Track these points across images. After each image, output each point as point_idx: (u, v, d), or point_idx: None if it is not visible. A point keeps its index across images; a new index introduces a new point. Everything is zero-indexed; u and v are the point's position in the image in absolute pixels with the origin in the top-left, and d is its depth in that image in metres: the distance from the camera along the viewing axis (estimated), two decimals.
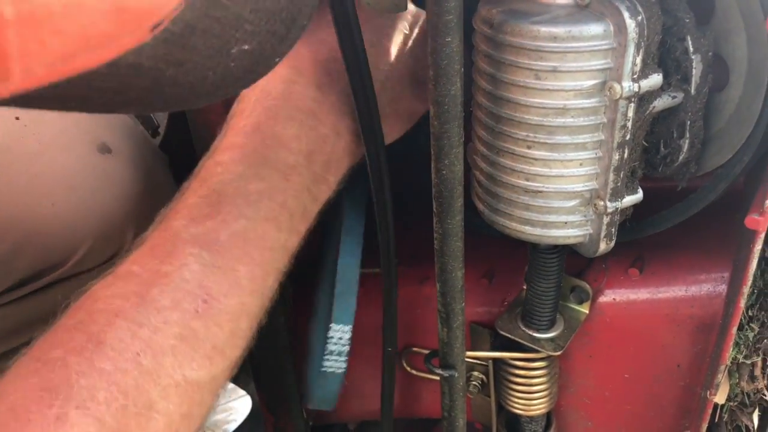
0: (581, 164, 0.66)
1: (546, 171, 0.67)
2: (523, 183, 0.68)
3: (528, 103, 0.64)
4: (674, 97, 0.66)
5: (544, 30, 0.60)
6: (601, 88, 0.62)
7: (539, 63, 0.62)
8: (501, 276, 0.96)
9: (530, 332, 0.86)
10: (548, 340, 0.85)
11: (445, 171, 0.64)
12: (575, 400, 0.98)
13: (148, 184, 0.93)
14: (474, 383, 0.97)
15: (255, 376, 1.10)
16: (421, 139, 0.79)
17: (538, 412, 0.92)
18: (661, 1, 0.63)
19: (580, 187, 0.67)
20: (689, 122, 0.68)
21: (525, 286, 0.87)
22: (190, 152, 0.92)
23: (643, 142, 0.69)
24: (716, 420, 0.91)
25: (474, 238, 0.77)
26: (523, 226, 0.71)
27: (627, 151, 0.65)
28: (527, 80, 0.63)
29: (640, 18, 0.59)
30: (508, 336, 0.87)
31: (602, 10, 0.60)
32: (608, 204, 0.67)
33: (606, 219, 0.69)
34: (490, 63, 0.65)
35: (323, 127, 0.69)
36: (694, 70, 0.66)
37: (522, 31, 0.61)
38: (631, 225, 0.77)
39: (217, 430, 1.18)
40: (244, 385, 1.19)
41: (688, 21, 0.65)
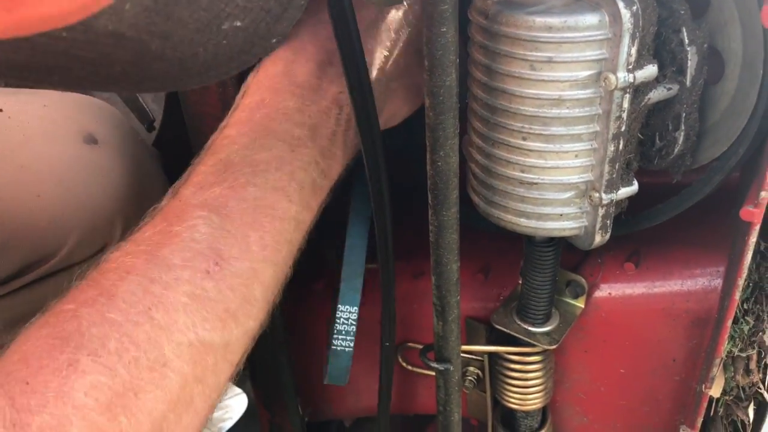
0: (576, 155, 0.66)
1: (541, 162, 0.67)
2: (519, 175, 0.68)
3: (523, 94, 0.64)
4: (669, 89, 0.66)
5: (540, 20, 0.60)
6: (596, 78, 0.62)
7: (534, 53, 0.62)
8: (497, 271, 0.96)
9: (526, 326, 0.86)
10: (544, 334, 0.85)
11: (440, 162, 0.64)
12: (571, 395, 0.98)
13: (136, 175, 0.92)
14: (470, 378, 0.97)
15: (251, 373, 1.10)
16: (416, 132, 0.79)
17: (534, 406, 0.92)
18: None
19: (575, 178, 0.67)
20: (684, 114, 0.68)
21: (520, 281, 0.87)
22: (186, 146, 0.92)
23: (638, 134, 0.69)
24: (711, 414, 0.91)
25: (470, 234, 0.77)
26: (518, 219, 0.71)
27: (622, 143, 0.65)
28: (522, 71, 0.63)
29: (635, 8, 0.59)
30: (504, 330, 0.87)
31: (597, 0, 0.60)
32: (603, 196, 0.67)
33: (601, 211, 0.69)
34: (486, 54, 0.65)
35: (324, 100, 0.70)
36: (689, 62, 0.66)
37: (517, 22, 0.61)
38: (627, 218, 0.77)
39: (212, 428, 1.17)
40: (240, 383, 1.18)
41: (683, 13, 0.65)
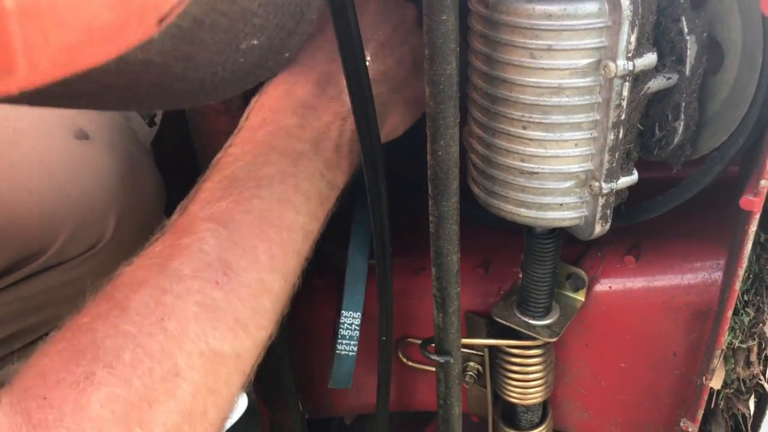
0: (576, 144, 0.66)
1: (541, 151, 0.67)
2: (519, 164, 0.68)
3: (523, 83, 0.64)
4: (669, 78, 0.67)
5: (539, 8, 0.61)
6: (595, 66, 0.62)
7: (534, 42, 0.62)
8: (497, 266, 0.96)
9: (526, 319, 0.86)
10: (544, 327, 0.85)
11: (440, 152, 0.64)
12: (571, 390, 0.98)
13: (128, 171, 0.92)
14: (470, 374, 0.97)
15: None
16: (414, 128, 0.79)
17: (535, 400, 0.92)
18: None
19: (575, 167, 0.67)
20: (684, 104, 0.68)
21: (521, 275, 0.86)
22: (187, 140, 0.93)
23: (638, 125, 0.69)
24: (712, 407, 0.91)
25: (470, 228, 0.77)
26: (518, 209, 0.71)
27: (622, 132, 0.65)
28: (522, 59, 0.63)
29: None
30: (504, 323, 0.87)
31: None
32: (603, 185, 0.67)
33: (601, 200, 0.69)
34: (486, 43, 0.65)
35: (325, 116, 0.72)
36: (688, 51, 0.66)
37: (517, 10, 0.61)
38: (627, 210, 0.77)
39: None
40: None
41: (683, 2, 0.65)
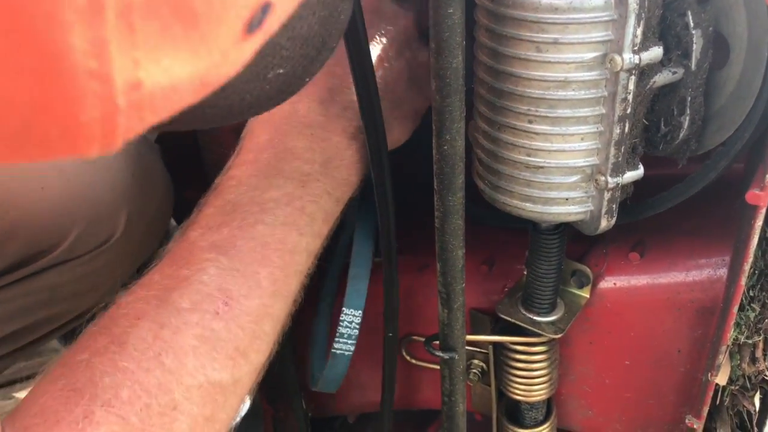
0: (582, 138, 0.66)
1: (547, 146, 0.67)
2: (524, 158, 0.68)
3: (529, 77, 0.64)
4: (674, 73, 0.66)
5: (545, 1, 0.61)
6: (602, 60, 0.62)
7: (540, 35, 0.62)
8: (501, 263, 0.96)
9: (531, 316, 0.86)
10: (549, 323, 0.85)
11: (446, 147, 0.64)
12: (576, 388, 0.98)
13: (138, 169, 0.93)
14: (474, 371, 0.97)
15: None
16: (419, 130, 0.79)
17: (539, 397, 0.91)
18: None
19: (581, 162, 0.67)
20: (690, 98, 0.68)
21: (525, 271, 0.86)
22: (192, 138, 0.93)
23: (643, 119, 0.69)
24: (717, 404, 0.91)
25: (474, 226, 0.77)
26: (524, 203, 0.71)
27: (628, 126, 0.65)
28: (528, 53, 0.63)
29: None
30: (509, 319, 0.86)
31: None
32: (609, 179, 0.67)
33: (607, 195, 0.69)
34: (492, 37, 0.65)
35: (335, 135, 0.72)
36: (694, 46, 0.66)
37: (523, 3, 0.61)
38: (632, 206, 0.77)
39: None
40: None
41: None
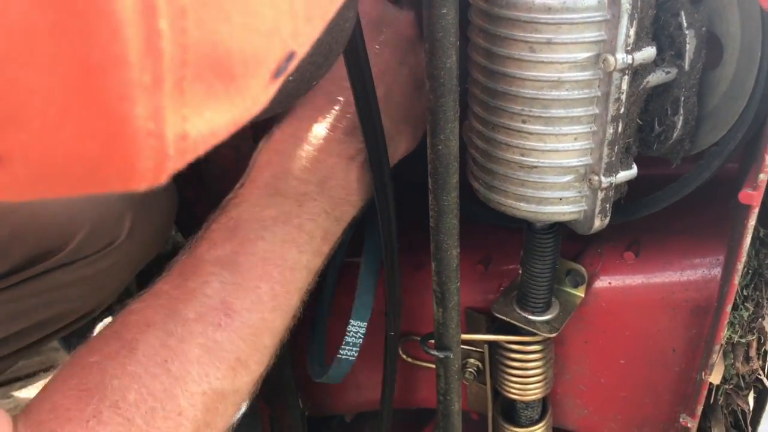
0: (576, 138, 0.66)
1: (541, 145, 0.67)
2: (518, 158, 0.69)
3: (523, 77, 0.64)
4: (668, 73, 0.67)
5: (539, 1, 0.61)
6: (595, 60, 0.62)
7: (534, 35, 0.62)
8: (497, 263, 0.97)
9: (526, 315, 0.86)
10: (544, 322, 0.85)
11: (440, 146, 0.64)
12: (571, 387, 0.98)
13: None
14: (470, 370, 0.97)
15: None
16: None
17: (534, 396, 0.92)
18: None
19: (574, 161, 0.67)
20: (683, 98, 0.69)
21: (520, 270, 0.87)
22: None
23: (637, 119, 0.69)
24: (711, 403, 0.91)
25: (469, 226, 0.77)
26: (518, 203, 0.71)
27: (621, 126, 0.65)
28: (522, 53, 0.63)
29: None
30: (504, 318, 0.87)
31: None
32: (603, 179, 0.67)
33: (601, 194, 0.69)
34: (486, 37, 0.66)
35: (332, 157, 0.74)
36: (687, 46, 0.66)
37: (516, 3, 0.62)
38: (626, 206, 0.77)
39: None
40: None
41: None
